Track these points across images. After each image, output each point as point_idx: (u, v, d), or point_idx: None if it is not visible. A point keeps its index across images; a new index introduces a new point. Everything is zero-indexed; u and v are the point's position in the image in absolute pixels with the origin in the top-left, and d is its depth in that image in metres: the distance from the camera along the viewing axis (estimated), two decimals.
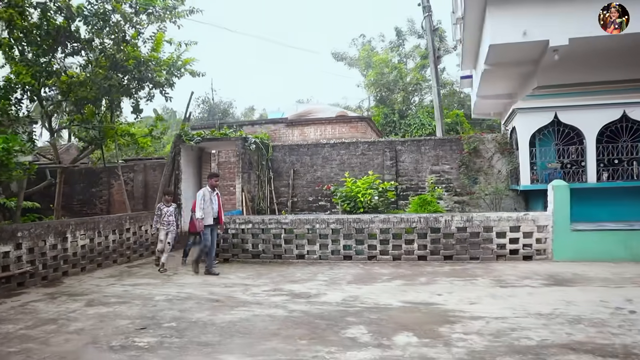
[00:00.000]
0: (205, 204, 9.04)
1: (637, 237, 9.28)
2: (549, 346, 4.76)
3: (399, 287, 7.64)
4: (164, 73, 10.98)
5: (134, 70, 10.37)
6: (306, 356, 4.68)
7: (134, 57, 10.30)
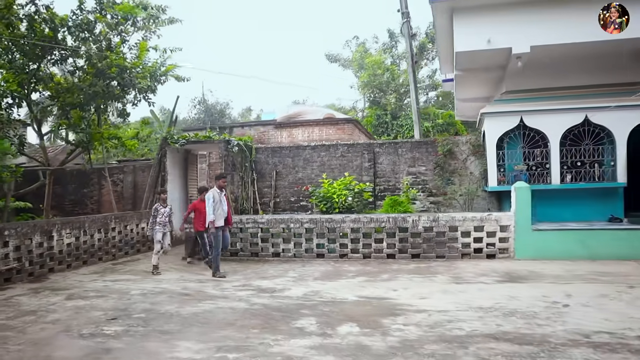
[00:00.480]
0: (215, 205, 9.05)
1: (594, 237, 9.74)
2: (475, 336, 5.23)
3: (360, 283, 8.13)
4: (147, 79, 11.51)
5: (117, 78, 10.90)
6: (253, 343, 5.18)
7: (117, 64, 10.83)
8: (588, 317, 5.84)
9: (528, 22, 9.98)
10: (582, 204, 11.23)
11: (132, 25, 11.56)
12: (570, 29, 9.90)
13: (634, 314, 5.91)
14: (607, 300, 6.65)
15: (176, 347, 5.12)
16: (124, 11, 10.91)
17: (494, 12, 10.02)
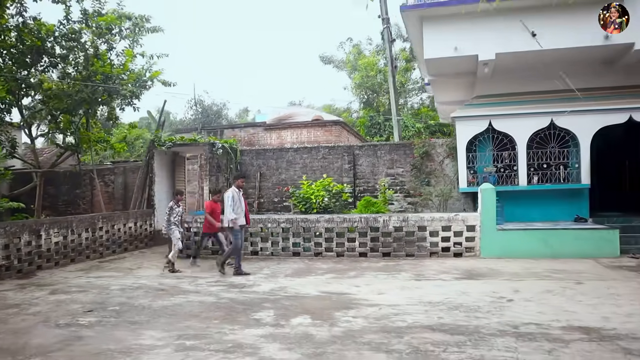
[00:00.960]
0: (235, 204, 9.13)
1: (556, 236, 10.24)
2: (414, 327, 5.73)
3: (327, 280, 8.64)
4: (131, 86, 12.04)
5: (102, 84, 11.43)
6: (211, 332, 5.69)
7: (102, 72, 11.37)
8: (526, 310, 6.33)
9: (493, 30, 10.49)
10: (549, 204, 11.72)
11: (118, 34, 12.10)
12: (531, 38, 10.39)
13: (568, 308, 6.40)
14: (550, 296, 7.13)
15: (142, 335, 5.64)
16: (106, 22, 11.47)
17: (461, 21, 10.50)
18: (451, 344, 5.07)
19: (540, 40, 10.28)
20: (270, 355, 4.87)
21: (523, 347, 4.94)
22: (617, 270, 8.83)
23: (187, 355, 4.93)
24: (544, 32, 10.17)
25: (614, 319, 5.86)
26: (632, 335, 5.23)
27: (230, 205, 9.05)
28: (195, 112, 38.19)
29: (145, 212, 13.70)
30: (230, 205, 9.06)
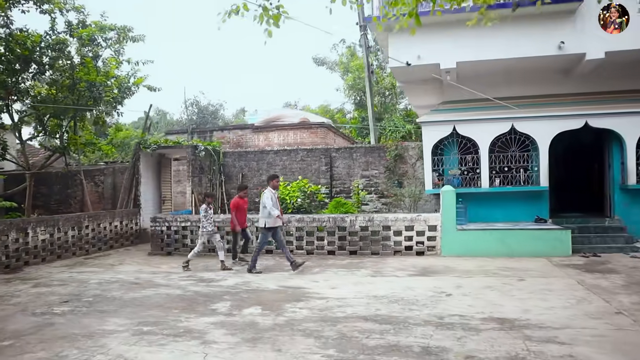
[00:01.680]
0: (274, 203, 9.51)
1: (512, 236, 10.87)
2: (351, 317, 6.38)
3: (290, 275, 9.30)
4: (116, 92, 12.77)
5: (86, 92, 12.15)
6: (168, 320, 6.37)
7: (86, 80, 12.08)
8: (458, 304, 6.95)
9: (453, 40, 11.11)
10: (511, 205, 12.34)
11: (104, 42, 12.83)
12: (491, 47, 11.05)
13: (498, 302, 7.03)
14: (488, 291, 7.75)
15: (106, 322, 6.32)
16: (88, 34, 12.19)
17: (423, 32, 11.07)
18: (376, 332, 5.72)
19: (497, 50, 10.94)
20: (213, 339, 5.55)
21: (438, 334, 5.58)
22: (563, 268, 9.44)
23: (141, 339, 5.61)
24: (501, 42, 10.80)
25: (534, 311, 6.49)
26: (540, 325, 5.86)
27: (270, 205, 9.38)
28: (191, 113, 38.98)
29: (132, 212, 14.41)
30: (270, 205, 9.38)
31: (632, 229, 11.78)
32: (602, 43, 10.64)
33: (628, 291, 7.47)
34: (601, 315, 6.21)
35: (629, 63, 11.58)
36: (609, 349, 5.01)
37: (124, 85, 13.25)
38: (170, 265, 10.83)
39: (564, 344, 5.14)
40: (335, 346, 5.22)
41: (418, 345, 5.20)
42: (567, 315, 6.27)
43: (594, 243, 11.32)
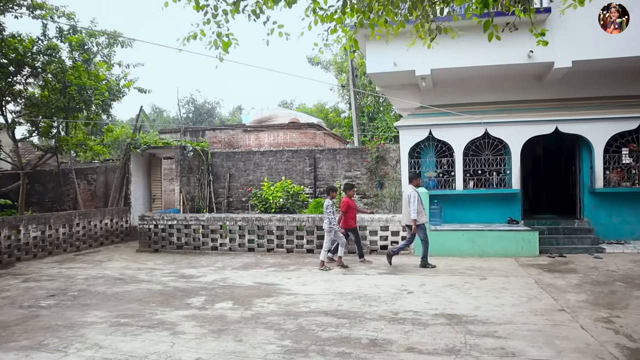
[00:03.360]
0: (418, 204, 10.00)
1: (482, 236, 11.36)
2: (313, 312, 6.90)
3: (267, 273, 9.82)
4: (106, 94, 13.30)
5: (76, 95, 12.68)
6: (145, 313, 6.90)
7: (77, 84, 12.60)
8: (416, 301, 7.46)
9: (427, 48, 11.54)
10: (485, 207, 12.85)
11: (95, 46, 13.35)
12: (464, 55, 11.51)
13: (454, 299, 7.51)
14: (448, 289, 8.25)
15: (87, 315, 6.85)
16: (77, 40, 12.72)
17: (399, 39, 11.56)
18: (332, 326, 6.23)
19: (470, 57, 11.43)
20: (183, 330, 6.08)
21: (388, 328, 6.10)
22: (527, 268, 9.93)
23: (117, 329, 6.14)
24: (474, 50, 11.29)
25: (484, 308, 6.99)
26: (484, 321, 6.37)
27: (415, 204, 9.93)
28: (187, 111, 39.52)
29: (122, 210, 14.93)
30: (419, 204, 9.98)
31: (599, 231, 12.31)
32: (569, 52, 11.12)
33: (578, 290, 7.97)
34: (544, 312, 6.71)
35: (596, 71, 12.10)
36: (540, 342, 5.51)
37: (114, 88, 13.78)
38: (155, 262, 11.34)
39: (500, 338, 5.65)
40: (292, 337, 5.74)
41: (367, 337, 5.72)
42: (514, 312, 6.77)
43: (562, 244, 11.83)
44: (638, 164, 12.34)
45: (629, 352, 5.15)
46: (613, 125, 12.07)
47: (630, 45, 10.98)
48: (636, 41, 10.92)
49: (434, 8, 4.78)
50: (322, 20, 4.94)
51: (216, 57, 4.99)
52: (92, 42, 13.61)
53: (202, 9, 4.58)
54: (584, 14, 10.83)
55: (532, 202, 14.73)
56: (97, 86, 13.07)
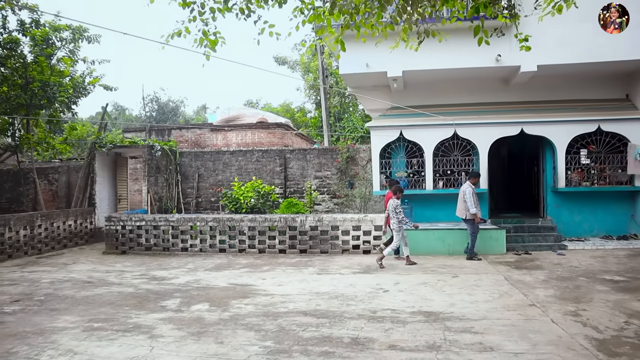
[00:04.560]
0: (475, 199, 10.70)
1: (452, 235, 11.59)
2: (292, 312, 6.88)
3: (240, 274, 9.73)
4: (71, 91, 12.85)
5: (39, 92, 12.20)
6: (118, 316, 6.71)
7: (40, 79, 12.13)
8: (393, 299, 7.55)
9: (399, 50, 11.68)
10: (454, 206, 13.06)
11: (58, 42, 12.86)
12: (435, 57, 11.74)
13: (429, 297, 7.66)
14: (422, 287, 8.39)
15: (57, 320, 6.61)
16: (41, 34, 12.25)
17: (372, 41, 11.70)
18: (312, 325, 6.23)
19: (440, 60, 11.66)
20: (161, 333, 5.94)
21: (368, 327, 6.15)
22: (496, 265, 10.21)
23: (92, 334, 5.95)
24: (444, 53, 11.51)
25: (459, 305, 7.15)
26: (461, 317, 6.51)
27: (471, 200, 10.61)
28: (151, 109, 38.68)
29: (86, 210, 14.46)
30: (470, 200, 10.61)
31: (562, 229, 12.79)
32: (534, 57, 11.44)
33: (545, 285, 8.25)
34: (516, 308, 6.92)
35: (559, 76, 12.57)
36: (515, 336, 5.67)
37: (79, 84, 13.32)
38: (124, 264, 11.05)
39: (477, 334, 5.79)
40: (273, 338, 5.71)
41: (349, 336, 5.74)
42: (487, 308, 6.95)
43: (527, 241, 12.21)
44: (597, 165, 12.88)
45: (597, 342, 5.38)
46: (574, 127, 12.56)
47: (590, 52, 11.52)
48: (596, 48, 11.45)
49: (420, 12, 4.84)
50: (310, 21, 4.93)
51: (203, 54, 4.92)
52: (55, 37, 13.09)
53: (188, 6, 4.52)
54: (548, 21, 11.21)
55: (499, 201, 15.14)
56: (61, 82, 12.61)
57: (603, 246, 11.75)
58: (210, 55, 4.97)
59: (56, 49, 13.22)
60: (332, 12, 4.66)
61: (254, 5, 4.67)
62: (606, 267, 9.69)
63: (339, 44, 5.15)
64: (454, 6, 4.90)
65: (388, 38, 11.46)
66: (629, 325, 5.99)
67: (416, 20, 5.13)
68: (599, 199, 12.85)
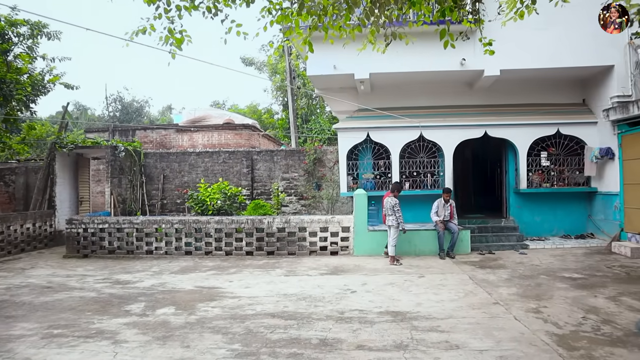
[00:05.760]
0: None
1: (418, 236, 11.74)
2: (260, 314, 6.82)
3: (207, 276, 9.59)
4: (29, 89, 12.39)
5: None
6: (80, 322, 6.51)
7: None
8: (360, 300, 7.58)
9: (366, 52, 11.78)
10: (421, 207, 13.28)
11: (15, 37, 12.39)
12: (401, 60, 11.89)
13: (396, 297, 7.73)
14: (390, 287, 8.47)
15: (14, 327, 6.35)
16: None
17: (339, 42, 11.77)
18: (280, 327, 6.20)
19: (407, 63, 11.83)
20: (125, 339, 5.79)
21: (337, 328, 6.15)
22: (461, 265, 10.40)
23: (51, 342, 5.74)
24: (411, 56, 11.68)
25: (425, 304, 7.24)
26: (427, 316, 6.60)
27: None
28: (114, 109, 37.76)
29: (45, 213, 13.97)
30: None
31: (523, 229, 13.15)
32: (497, 61, 11.75)
33: (508, 284, 8.46)
34: (481, 306, 7.06)
35: (521, 80, 12.95)
36: (480, 334, 5.79)
37: (38, 82, 12.86)
38: (86, 268, 10.73)
39: (443, 332, 5.88)
40: (241, 341, 5.65)
41: (317, 337, 5.74)
42: (453, 307, 7.07)
43: (490, 241, 12.49)
44: (556, 167, 13.30)
45: (557, 337, 5.56)
46: (535, 130, 12.95)
47: (550, 58, 11.91)
48: (555, 55, 11.88)
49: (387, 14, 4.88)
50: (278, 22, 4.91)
51: (169, 52, 4.82)
52: (12, 33, 12.59)
53: (153, 3, 4.42)
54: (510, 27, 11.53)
55: (463, 202, 15.43)
56: (18, 80, 12.15)
57: (562, 245, 12.14)
58: (176, 54, 4.88)
59: (13, 45, 12.73)
60: (300, 13, 4.66)
61: (221, 4, 4.62)
62: (565, 265, 10.01)
63: (307, 44, 5.15)
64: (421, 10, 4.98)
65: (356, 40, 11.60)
66: (586, 320, 6.21)
67: (383, 22, 5.19)
68: (558, 199, 13.28)
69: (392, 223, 10.68)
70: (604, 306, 6.87)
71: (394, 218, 10.66)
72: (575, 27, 11.75)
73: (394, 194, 10.88)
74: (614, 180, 12.17)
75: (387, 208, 10.76)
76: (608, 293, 7.63)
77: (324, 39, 6.39)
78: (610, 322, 6.12)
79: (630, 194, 11.49)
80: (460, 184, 14.48)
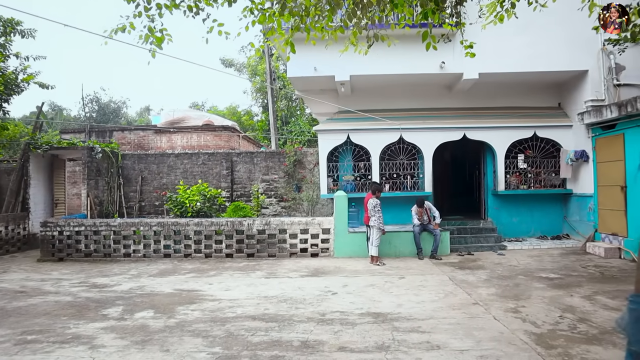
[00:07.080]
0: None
1: (398, 237, 11.80)
2: (240, 317, 6.76)
3: (186, 279, 9.47)
4: (2, 88, 12.07)
5: None
6: (56, 327, 6.35)
7: None
8: (341, 301, 7.58)
9: (347, 55, 11.84)
10: (401, 209, 13.38)
11: None
12: (382, 63, 11.98)
13: (377, 298, 7.74)
14: (370, 289, 8.48)
15: None
16: None
17: (320, 45, 11.79)
18: (262, 330, 6.15)
19: (387, 65, 11.90)
20: (102, 343, 5.67)
21: (318, 329, 6.13)
22: (441, 266, 10.49)
23: (24, 348, 5.58)
24: (391, 58, 11.76)
25: (406, 305, 7.28)
26: (408, 317, 6.62)
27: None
28: (91, 110, 37.10)
29: (19, 216, 13.63)
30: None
31: (501, 230, 13.34)
32: (476, 65, 11.91)
33: (487, 285, 8.56)
34: (461, 307, 7.13)
35: (499, 84, 13.15)
36: (461, 334, 5.84)
37: (11, 81, 12.54)
38: (61, 272, 10.50)
39: (424, 333, 5.91)
40: (222, 344, 5.58)
41: (298, 339, 5.71)
42: (434, 307, 7.12)
43: (469, 243, 12.63)
44: (533, 169, 13.53)
45: (535, 336, 5.65)
46: (513, 133, 13.16)
47: (527, 63, 12.12)
48: (532, 59, 12.09)
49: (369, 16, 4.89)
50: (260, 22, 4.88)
51: (149, 51, 4.74)
52: None
53: (133, 1, 4.34)
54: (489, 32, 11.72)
55: (442, 204, 15.55)
56: None
57: (539, 246, 12.35)
58: (156, 53, 4.81)
59: None
60: (282, 14, 4.64)
61: (202, 3, 4.57)
62: (542, 265, 10.18)
63: (289, 45, 5.12)
64: (403, 12, 5.00)
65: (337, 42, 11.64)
66: (563, 319, 6.32)
67: (365, 24, 5.20)
68: (535, 201, 13.51)
69: (375, 223, 10.74)
70: (579, 305, 7.00)
71: (376, 218, 10.72)
72: (551, 32, 12.00)
73: (375, 195, 10.93)
74: (588, 182, 12.44)
75: (369, 209, 10.82)
76: (583, 292, 7.78)
77: (305, 40, 6.38)
78: (586, 320, 6.24)
79: (603, 196, 11.76)
80: (440, 185, 14.62)
